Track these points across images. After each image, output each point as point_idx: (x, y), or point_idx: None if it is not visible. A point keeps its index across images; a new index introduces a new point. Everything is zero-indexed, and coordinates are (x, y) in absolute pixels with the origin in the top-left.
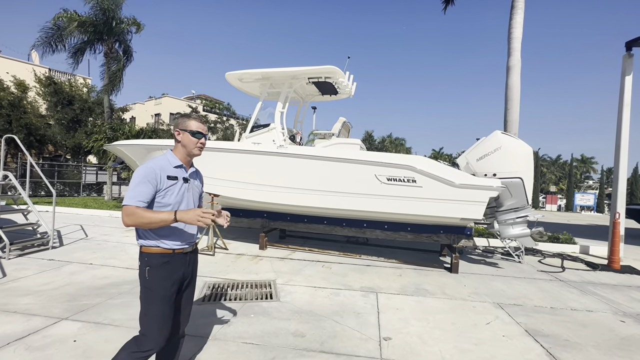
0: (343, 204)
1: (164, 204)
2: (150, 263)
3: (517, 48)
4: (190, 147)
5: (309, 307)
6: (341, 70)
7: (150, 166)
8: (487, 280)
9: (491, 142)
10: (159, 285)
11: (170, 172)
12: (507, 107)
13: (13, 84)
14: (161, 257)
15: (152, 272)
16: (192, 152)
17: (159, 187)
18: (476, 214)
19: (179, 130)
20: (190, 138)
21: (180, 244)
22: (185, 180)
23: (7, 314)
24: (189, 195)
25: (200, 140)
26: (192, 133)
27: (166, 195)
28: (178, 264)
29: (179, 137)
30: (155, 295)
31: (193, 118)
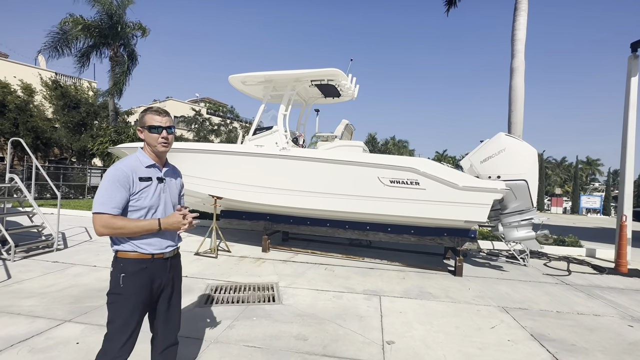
0: (346, 206)
1: (139, 207)
2: (125, 269)
3: (520, 50)
4: (152, 145)
5: (312, 310)
6: (344, 73)
7: (120, 167)
8: (492, 284)
9: (495, 144)
10: (132, 294)
11: (142, 172)
12: (511, 109)
13: (20, 88)
14: (139, 263)
15: (127, 279)
16: (156, 149)
17: (132, 190)
18: (480, 216)
19: (140, 128)
20: (149, 135)
21: (161, 249)
22: (160, 180)
23: (12, 315)
24: (166, 195)
25: (161, 135)
26: (150, 129)
27: (140, 198)
28: (157, 270)
29: (141, 136)
30: (126, 304)
31: (150, 111)
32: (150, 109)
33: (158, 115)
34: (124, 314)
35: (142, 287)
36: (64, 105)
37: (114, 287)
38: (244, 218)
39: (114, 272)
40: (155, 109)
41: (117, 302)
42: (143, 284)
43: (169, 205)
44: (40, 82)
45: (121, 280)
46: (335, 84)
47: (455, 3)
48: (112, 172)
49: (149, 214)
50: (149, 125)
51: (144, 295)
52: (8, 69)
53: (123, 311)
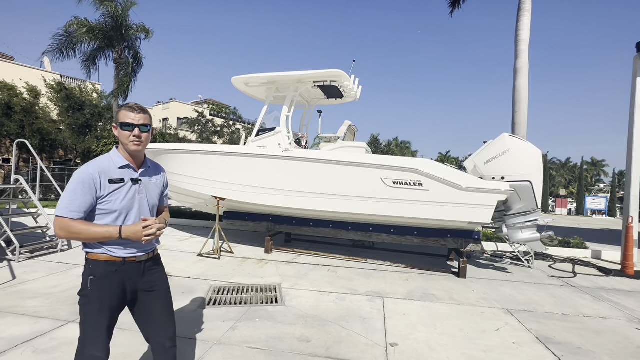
0: (348, 208)
1: (108, 210)
2: (94, 272)
3: (524, 50)
4: (124, 143)
5: (315, 311)
6: (346, 74)
7: (87, 170)
8: (496, 286)
9: (499, 144)
10: (99, 297)
11: (113, 174)
12: (514, 110)
13: (26, 90)
14: (108, 266)
15: (95, 282)
16: (128, 148)
17: (100, 193)
18: (484, 217)
19: (114, 124)
20: (121, 132)
21: (133, 252)
22: (135, 181)
23: (16, 316)
24: (142, 198)
25: (132, 133)
26: (122, 126)
27: (110, 201)
28: (129, 274)
29: (115, 133)
30: (94, 307)
31: (125, 108)
32: (126, 105)
33: (132, 112)
34: (92, 317)
35: (111, 290)
36: (69, 107)
37: (82, 289)
38: (246, 219)
39: (84, 274)
40: (130, 105)
41: (86, 305)
42: (112, 288)
43: (145, 208)
44: (45, 85)
45: (89, 283)
46: (337, 85)
47: (460, 4)
48: (78, 174)
49: (120, 218)
50: (121, 122)
51: (114, 299)
52: (14, 72)
53: (91, 314)
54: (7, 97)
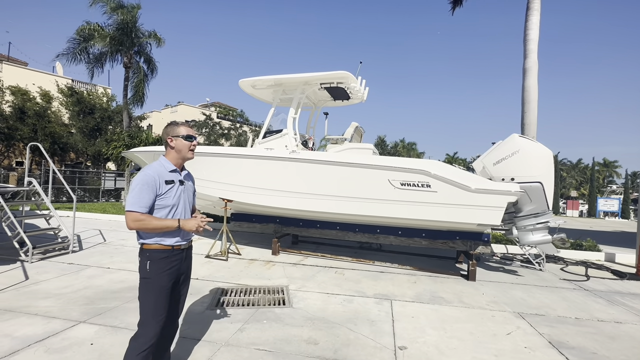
0: (356, 209)
1: (164, 205)
2: (151, 257)
3: (533, 50)
4: (184, 151)
5: (322, 313)
6: (353, 75)
7: (148, 173)
8: (507, 289)
9: (508, 145)
10: (158, 277)
11: (167, 176)
12: (524, 110)
13: (39, 95)
14: (161, 253)
15: (152, 265)
16: (186, 155)
17: (159, 192)
18: (494, 219)
19: (172, 137)
20: (183, 142)
21: (178, 241)
22: (181, 182)
23: (29, 316)
24: (185, 196)
25: (192, 142)
26: (185, 137)
27: (165, 198)
28: (176, 259)
29: (172, 144)
30: (154, 286)
31: (181, 124)
32: (179, 122)
33: (190, 128)
34: (153, 295)
35: (165, 272)
36: (80, 111)
37: (142, 273)
38: (254, 221)
39: (141, 261)
40: (184, 122)
41: (148, 285)
42: (166, 269)
43: (187, 204)
44: (57, 89)
45: (148, 266)
46: (344, 87)
47: (461, 2)
48: (141, 176)
49: (172, 211)
50: (183, 134)
51: (168, 280)
52: (27, 77)
53: (153, 293)
54: (20, 102)
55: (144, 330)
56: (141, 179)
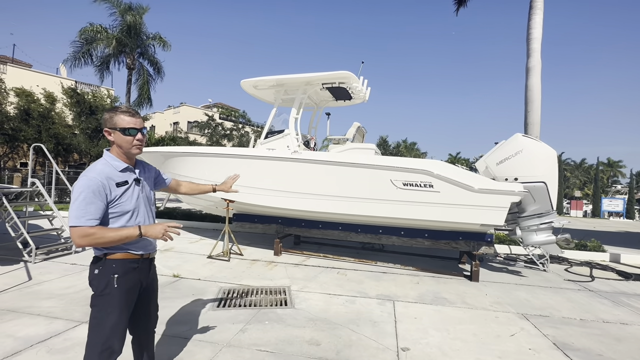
0: (358, 210)
1: (121, 212)
2: (118, 270)
3: (536, 49)
4: (126, 147)
5: (324, 314)
6: (355, 76)
7: (92, 177)
8: (510, 290)
9: (512, 145)
10: (125, 293)
11: (117, 177)
12: (527, 110)
13: (43, 97)
14: (130, 263)
15: (120, 279)
16: (130, 152)
17: (110, 198)
18: (497, 220)
19: (109, 129)
20: (122, 137)
21: (148, 250)
22: (137, 181)
23: (32, 316)
24: (143, 196)
25: (135, 137)
26: (124, 131)
27: (121, 204)
28: (144, 270)
29: (111, 137)
30: (118, 303)
31: (120, 112)
32: (119, 109)
33: (131, 117)
34: (114, 315)
35: (133, 286)
36: (81, 112)
37: (104, 289)
38: (256, 221)
39: (101, 274)
40: (126, 109)
41: (108, 304)
42: (134, 283)
43: (147, 205)
44: (62, 91)
45: (115, 281)
46: (346, 87)
47: (465, 3)
48: (84, 182)
49: (133, 217)
50: (121, 127)
51: (134, 294)
52: (31, 79)
53: (114, 312)
54: (25, 103)
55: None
56: (84, 185)
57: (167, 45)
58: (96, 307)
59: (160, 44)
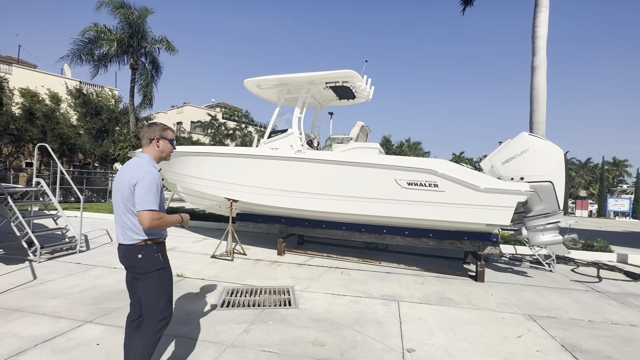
0: (362, 209)
1: (161, 203)
2: (160, 250)
3: (542, 47)
4: (166, 153)
5: (328, 315)
6: (359, 74)
7: (155, 174)
8: (516, 290)
9: (518, 144)
10: (169, 265)
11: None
12: (532, 108)
13: (48, 97)
14: (164, 245)
15: (164, 256)
16: (167, 157)
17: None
18: (503, 219)
19: (159, 137)
20: (169, 146)
21: (165, 236)
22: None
23: (36, 315)
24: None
25: (174, 147)
26: (171, 142)
27: (162, 197)
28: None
29: (159, 144)
30: (169, 274)
31: (168, 128)
32: (164, 125)
33: (173, 133)
34: (169, 282)
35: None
36: (86, 112)
37: (158, 265)
38: (259, 221)
39: (151, 256)
40: (169, 127)
41: (165, 274)
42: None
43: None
44: (66, 91)
45: (162, 257)
46: (350, 86)
47: (472, 2)
48: (152, 177)
49: (162, 208)
50: (170, 138)
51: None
52: (36, 79)
53: (169, 280)
54: (29, 104)
55: (163, 316)
56: (153, 180)
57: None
58: (155, 283)
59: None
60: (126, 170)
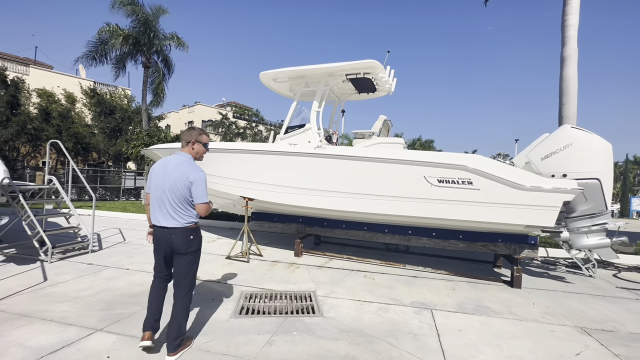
0: (387, 209)
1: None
2: (199, 233)
3: (572, 36)
4: (200, 155)
5: (357, 324)
6: (381, 65)
7: (204, 173)
8: (559, 298)
9: (560, 137)
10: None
11: None
12: (562, 102)
13: (63, 97)
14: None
15: (201, 239)
16: (200, 158)
17: None
18: (546, 220)
19: (195, 141)
20: (202, 148)
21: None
22: None
23: (44, 322)
24: None
25: (207, 150)
26: (205, 145)
27: None
28: None
29: (194, 146)
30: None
31: (205, 133)
32: (202, 130)
33: (208, 137)
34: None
35: None
36: (101, 112)
37: (197, 246)
38: (275, 220)
39: (196, 238)
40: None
41: (198, 254)
42: None
43: None
44: (81, 91)
45: (199, 240)
46: (371, 77)
47: None
48: (204, 176)
49: None
50: (205, 142)
51: None
52: (53, 80)
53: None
54: (46, 104)
55: (193, 286)
56: (205, 178)
57: (185, 46)
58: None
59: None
60: (179, 166)
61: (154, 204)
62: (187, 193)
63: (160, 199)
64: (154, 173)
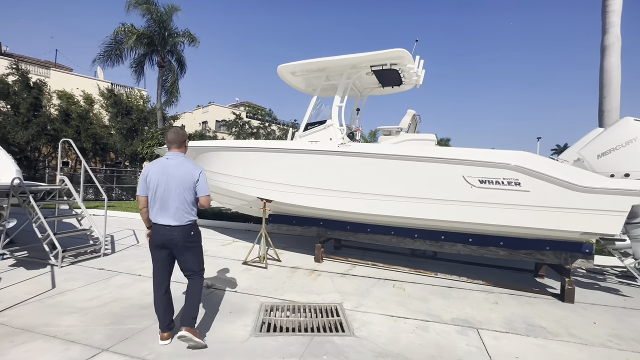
0: (419, 212)
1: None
2: (198, 227)
3: (615, 23)
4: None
5: (395, 347)
6: (410, 55)
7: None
8: (621, 316)
9: (621, 132)
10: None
11: None
12: (602, 95)
13: (82, 98)
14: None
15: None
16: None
17: None
18: (610, 227)
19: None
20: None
21: None
22: None
23: (47, 338)
24: None
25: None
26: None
27: None
28: None
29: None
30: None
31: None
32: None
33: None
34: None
35: None
36: (117, 112)
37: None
38: (294, 223)
39: (197, 230)
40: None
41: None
42: None
43: None
44: (99, 92)
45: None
46: (398, 69)
47: None
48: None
49: None
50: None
51: None
52: (72, 82)
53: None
54: (66, 105)
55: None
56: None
57: (196, 41)
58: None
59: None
60: (181, 166)
61: (156, 204)
62: (192, 192)
63: (164, 198)
64: (152, 174)
